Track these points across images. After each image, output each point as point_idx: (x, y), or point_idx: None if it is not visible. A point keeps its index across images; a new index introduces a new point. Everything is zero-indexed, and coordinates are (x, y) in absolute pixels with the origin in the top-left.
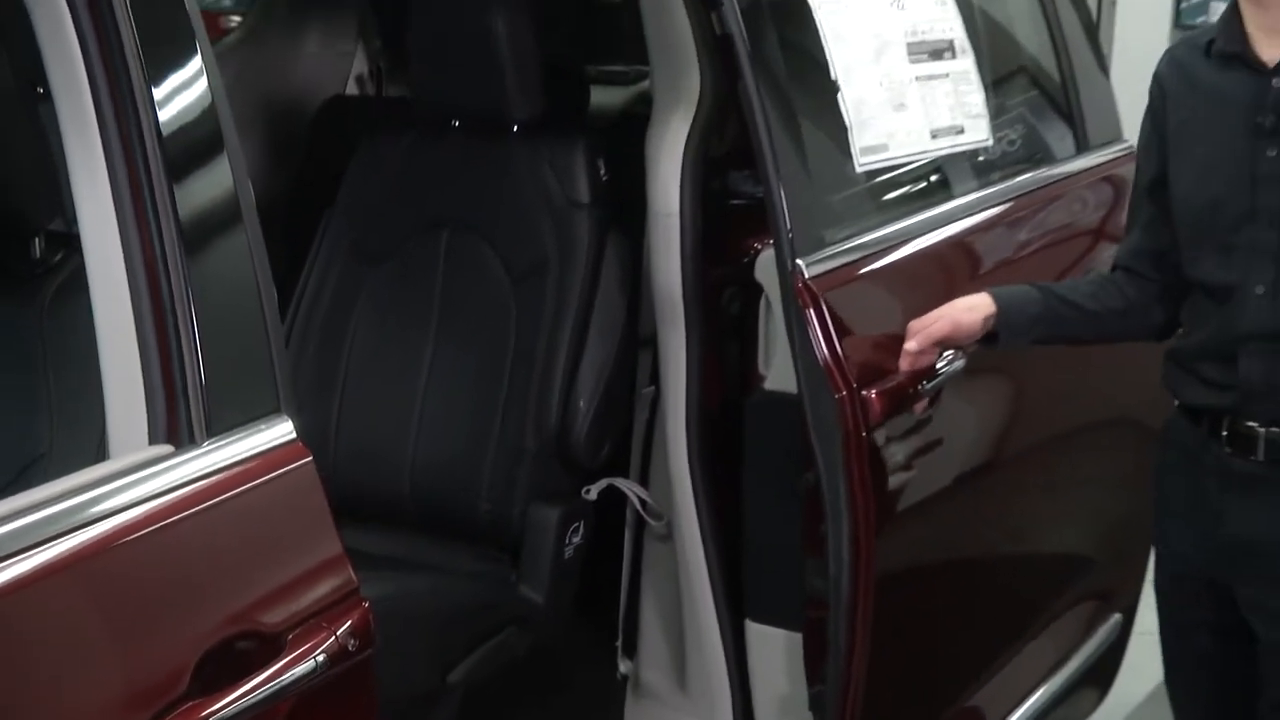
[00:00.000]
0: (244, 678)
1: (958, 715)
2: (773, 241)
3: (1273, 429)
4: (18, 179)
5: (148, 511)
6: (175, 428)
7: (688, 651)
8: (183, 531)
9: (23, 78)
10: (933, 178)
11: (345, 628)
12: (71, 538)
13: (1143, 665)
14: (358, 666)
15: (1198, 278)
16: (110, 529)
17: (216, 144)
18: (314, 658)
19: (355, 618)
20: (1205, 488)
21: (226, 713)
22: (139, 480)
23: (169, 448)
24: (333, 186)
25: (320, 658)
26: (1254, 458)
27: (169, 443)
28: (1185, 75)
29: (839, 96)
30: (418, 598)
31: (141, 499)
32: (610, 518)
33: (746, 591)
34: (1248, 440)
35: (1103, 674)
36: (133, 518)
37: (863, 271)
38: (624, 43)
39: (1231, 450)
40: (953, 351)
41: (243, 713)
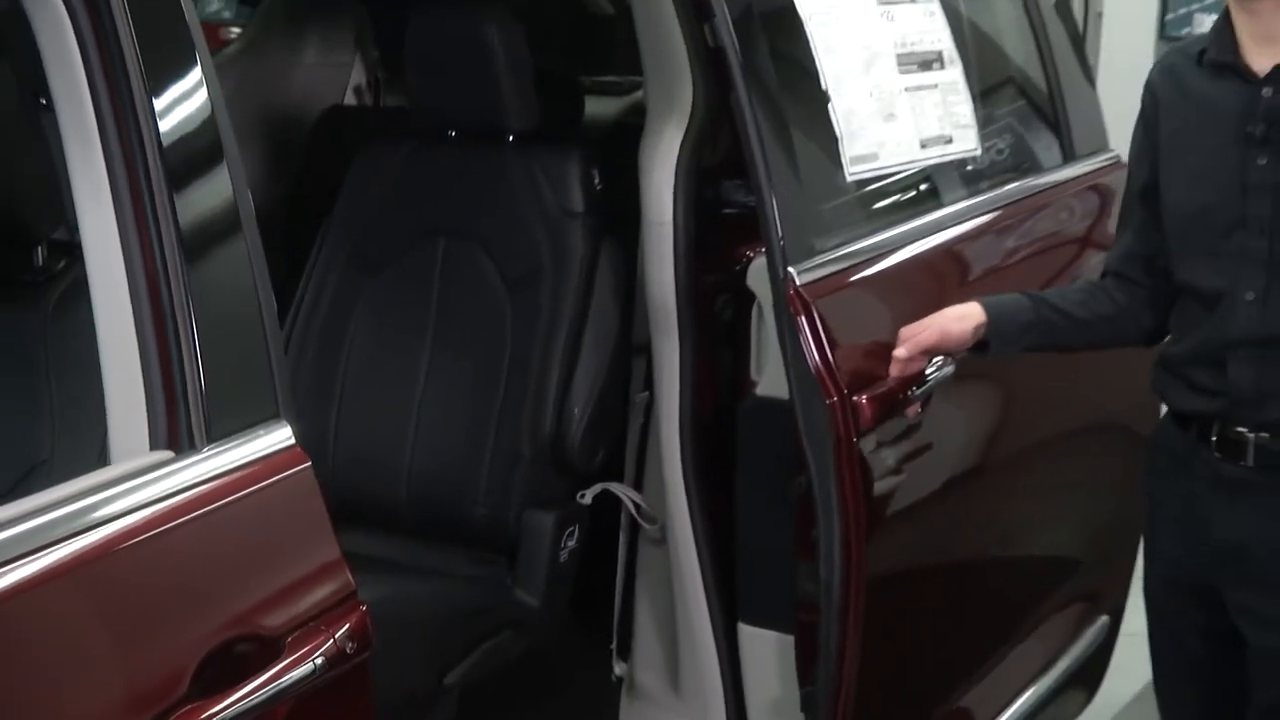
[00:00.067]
0: (243, 680)
1: (948, 716)
2: (765, 250)
3: (1262, 434)
4: (21, 188)
5: (148, 516)
6: (175, 433)
7: (681, 654)
8: (183, 536)
9: (25, 88)
10: (922, 187)
11: (343, 630)
12: (73, 542)
13: (1130, 666)
14: (355, 669)
15: (1188, 283)
16: (111, 534)
17: (216, 153)
18: (312, 660)
19: (353, 621)
20: (1195, 492)
21: (226, 714)
22: (140, 485)
23: (169, 453)
24: (331, 195)
25: (319, 660)
26: (1243, 463)
27: (169, 448)
28: (1177, 84)
29: (829, 107)
30: (415, 601)
31: (142, 504)
32: (605, 522)
33: (739, 594)
34: (1237, 446)
35: (1090, 675)
36: (133, 522)
37: (853, 279)
38: (618, 54)
39: (1221, 455)
40: (942, 358)
41: (242, 714)
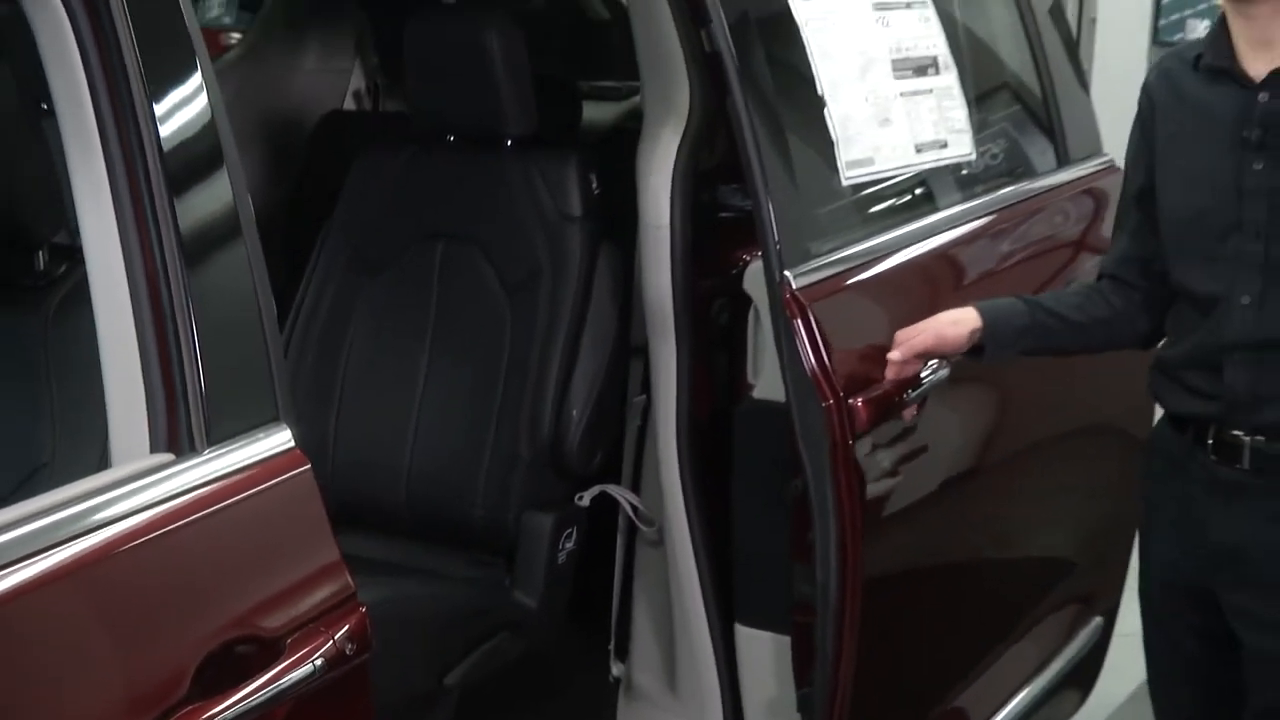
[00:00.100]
0: (244, 681)
1: (943, 716)
2: (761, 253)
3: (1257, 437)
4: (23, 193)
5: (149, 519)
6: (176, 436)
7: (678, 655)
8: (183, 538)
9: (27, 93)
10: (917, 191)
11: (343, 632)
12: (74, 544)
13: (1124, 667)
14: (355, 670)
15: (1184, 287)
16: (112, 536)
17: (216, 158)
18: (312, 661)
19: (352, 622)
20: (1191, 495)
21: (226, 715)
22: (140, 488)
23: (170, 456)
24: (331, 199)
25: (318, 661)
26: (1239, 466)
27: (170, 451)
28: (1174, 88)
29: (825, 112)
30: (414, 602)
31: (143, 506)
32: (603, 524)
33: (736, 596)
34: (1233, 449)
35: (1084, 675)
36: (134, 525)
37: (849, 283)
38: (615, 59)
39: (1217, 458)
40: (936, 361)
41: (243, 715)
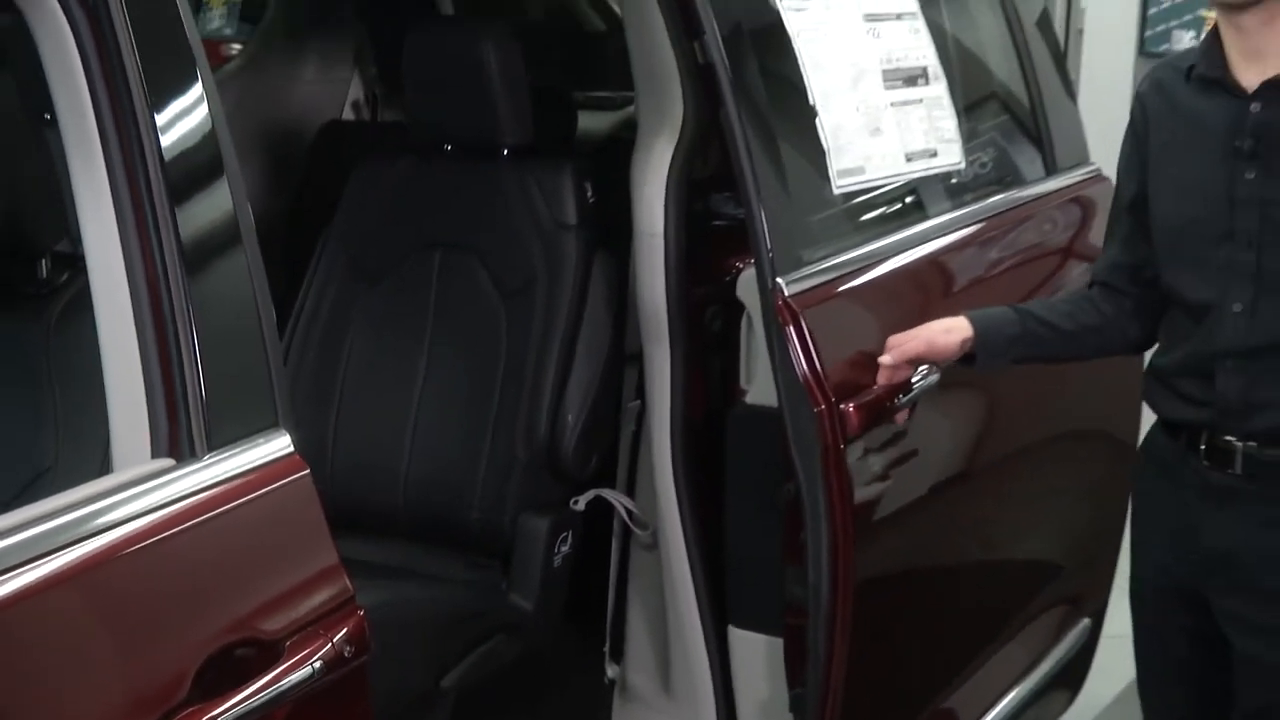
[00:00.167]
0: (243, 684)
1: (933, 717)
2: (754, 261)
3: (1250, 443)
4: (26, 202)
5: (150, 523)
6: (177, 442)
7: (673, 656)
8: (184, 543)
9: (30, 104)
10: (907, 199)
11: (341, 635)
12: (76, 549)
13: (1111, 668)
14: (353, 672)
15: (1176, 294)
16: (114, 540)
17: (217, 167)
18: (311, 664)
19: (351, 625)
20: (1184, 500)
21: (227, 717)
22: (142, 493)
23: (171, 461)
24: (330, 208)
25: (317, 664)
26: (1231, 471)
27: (171, 456)
28: (1166, 97)
29: (817, 122)
30: (412, 605)
31: (144, 511)
32: (598, 527)
33: (729, 598)
34: (1225, 454)
35: (1073, 676)
36: (136, 529)
37: (841, 290)
38: (610, 70)
39: (1209, 464)
40: (926, 367)
41: (243, 717)
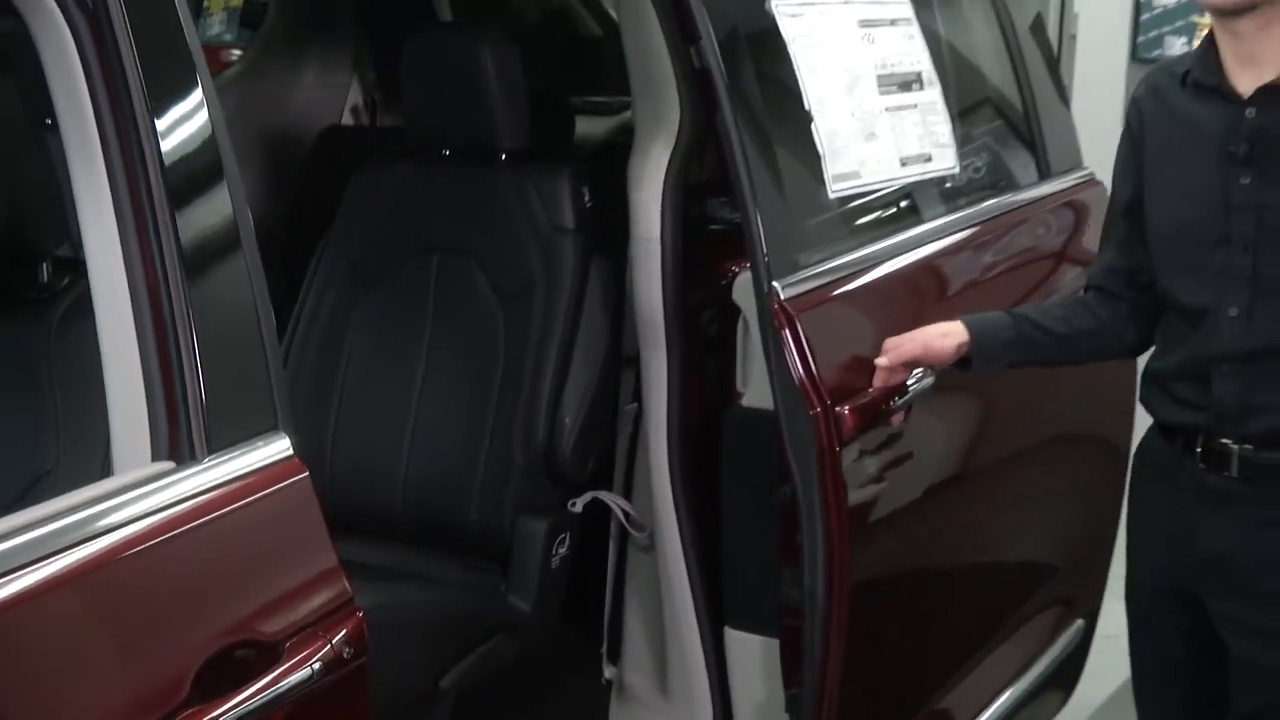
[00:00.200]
0: (243, 685)
1: (928, 717)
2: (750, 265)
3: (1246, 446)
4: (27, 207)
5: (150, 526)
6: (177, 445)
7: (669, 657)
8: (184, 545)
9: (31, 110)
10: (902, 204)
11: (340, 636)
12: (77, 551)
13: (1104, 669)
14: (353, 673)
15: (1172, 298)
16: (114, 543)
17: (217, 172)
18: (310, 665)
19: (350, 626)
20: (1181, 503)
21: (227, 718)
22: (142, 496)
23: (171, 464)
24: (329, 212)
25: (316, 665)
26: (1227, 474)
27: (171, 459)
28: (1162, 102)
29: (812, 127)
30: (411, 607)
31: (144, 514)
32: (595, 529)
33: (725, 599)
34: (1222, 457)
35: (1066, 677)
36: (136, 532)
37: (836, 293)
38: (607, 75)
39: (1206, 467)
40: (922, 370)
41: (242, 719)
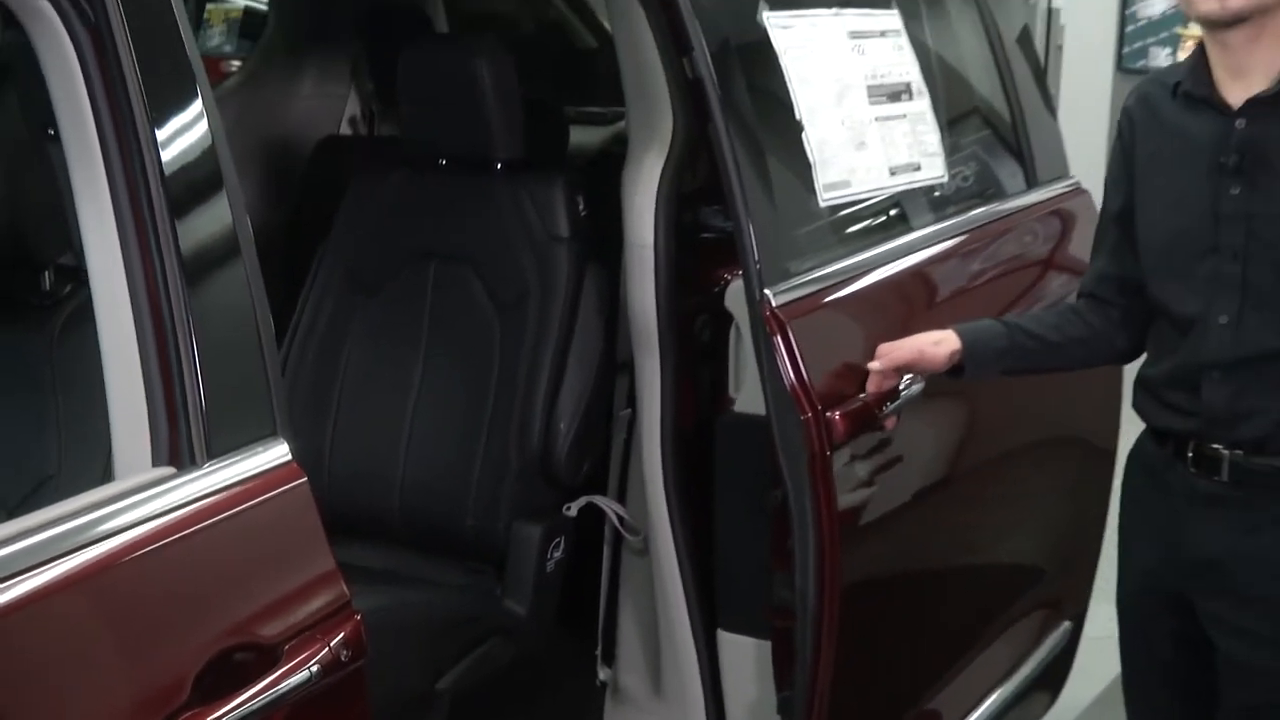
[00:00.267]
0: (242, 687)
1: (918, 718)
2: (742, 272)
3: (1236, 451)
4: (29, 216)
5: (151, 530)
6: (177, 450)
7: (663, 659)
8: (185, 549)
9: (33, 120)
10: (892, 212)
11: (338, 639)
12: (79, 555)
13: (1092, 670)
14: (350, 676)
15: (1162, 306)
16: (115, 547)
17: (216, 182)
18: (309, 668)
19: (348, 629)
20: (1171, 507)
21: None
22: (143, 500)
23: (171, 469)
24: (327, 221)
25: (315, 667)
26: (1218, 478)
27: (171, 464)
28: (1153, 112)
29: (803, 136)
30: (408, 610)
31: (145, 518)
32: (590, 533)
33: (718, 602)
34: (1212, 462)
35: (1054, 678)
36: (137, 536)
37: (827, 300)
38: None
39: (1197, 471)
40: (912, 375)
41: None
